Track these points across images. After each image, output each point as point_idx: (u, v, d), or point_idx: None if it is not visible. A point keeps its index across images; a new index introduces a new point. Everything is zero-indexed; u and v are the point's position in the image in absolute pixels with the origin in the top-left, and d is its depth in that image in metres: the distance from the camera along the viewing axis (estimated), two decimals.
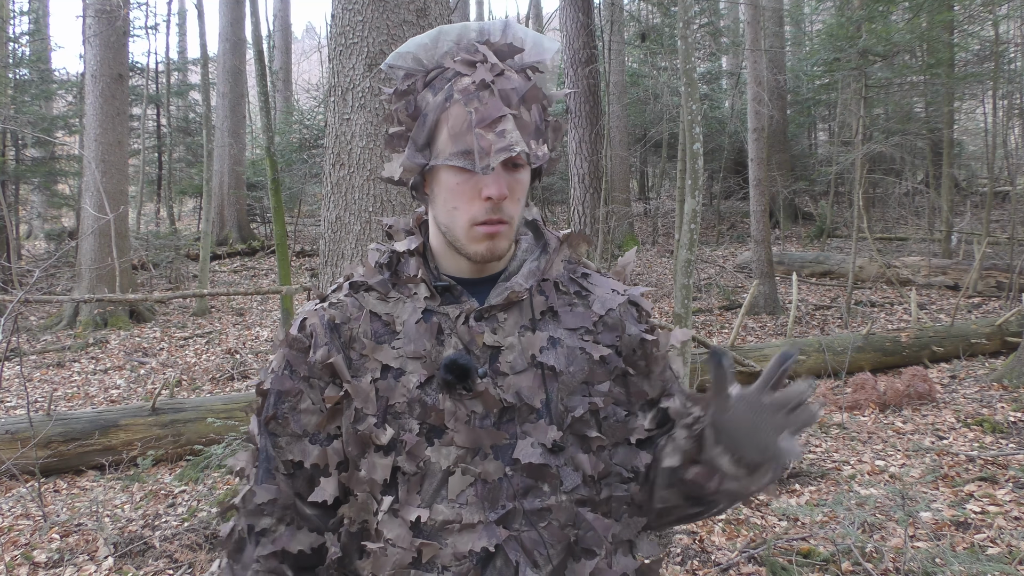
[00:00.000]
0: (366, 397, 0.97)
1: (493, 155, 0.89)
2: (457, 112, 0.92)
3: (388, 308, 1.01)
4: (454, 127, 0.92)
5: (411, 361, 0.97)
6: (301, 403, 1.00)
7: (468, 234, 0.95)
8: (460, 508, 0.94)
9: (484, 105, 0.91)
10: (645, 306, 1.09)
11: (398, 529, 0.95)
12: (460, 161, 0.91)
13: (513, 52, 0.96)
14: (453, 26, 0.98)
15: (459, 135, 0.91)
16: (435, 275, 1.01)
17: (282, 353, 1.03)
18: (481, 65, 0.93)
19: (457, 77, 0.93)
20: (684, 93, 4.55)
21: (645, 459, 1.03)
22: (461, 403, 0.96)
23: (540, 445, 0.96)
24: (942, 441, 4.53)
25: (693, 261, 4.37)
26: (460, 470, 0.95)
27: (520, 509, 0.95)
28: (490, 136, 0.90)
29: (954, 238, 11.26)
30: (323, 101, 13.72)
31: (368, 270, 1.04)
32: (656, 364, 1.06)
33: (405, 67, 0.97)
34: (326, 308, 1.02)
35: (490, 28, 0.98)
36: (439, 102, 0.93)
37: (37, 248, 14.53)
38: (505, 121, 0.90)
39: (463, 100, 0.91)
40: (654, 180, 18.83)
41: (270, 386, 1.02)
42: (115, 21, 9.20)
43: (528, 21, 14.67)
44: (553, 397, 0.98)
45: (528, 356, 0.98)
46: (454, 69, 0.94)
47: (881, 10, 9.67)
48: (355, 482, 0.98)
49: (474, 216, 0.94)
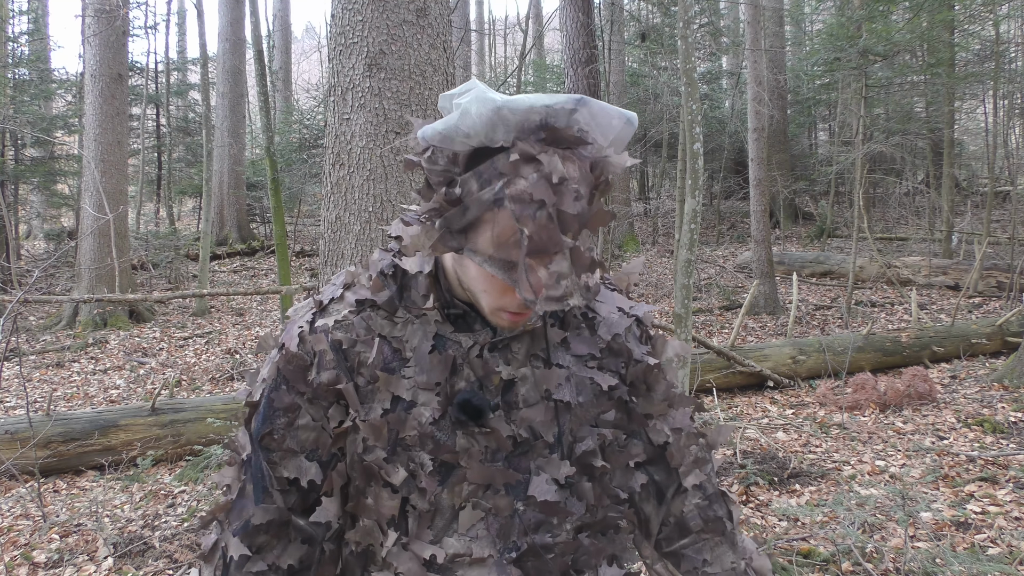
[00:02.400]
0: (379, 432, 0.92)
1: (542, 300, 0.80)
2: (506, 223, 0.80)
3: (397, 331, 0.95)
4: (500, 237, 0.80)
5: (423, 392, 0.92)
6: (299, 419, 0.94)
7: (492, 315, 0.90)
8: (471, 542, 0.93)
9: (540, 231, 0.78)
10: (646, 320, 1.07)
11: (408, 563, 0.93)
12: (502, 273, 0.81)
13: (578, 143, 0.82)
14: (517, 104, 0.79)
15: (504, 247, 0.81)
16: (447, 299, 0.95)
17: (276, 367, 0.96)
18: (539, 173, 0.79)
19: (512, 178, 0.79)
20: (684, 93, 4.54)
21: (640, 479, 1.02)
22: (474, 439, 0.92)
23: (554, 481, 0.95)
24: (942, 441, 4.53)
25: (693, 261, 4.36)
26: (471, 504, 0.93)
27: (533, 545, 0.94)
28: (541, 273, 0.80)
29: (955, 238, 11.25)
30: (323, 101, 13.72)
31: (374, 284, 0.96)
32: (658, 384, 1.04)
33: (451, 148, 0.83)
34: (330, 327, 0.95)
35: (558, 108, 0.80)
36: (486, 201, 0.80)
37: (37, 248, 14.53)
38: (560, 260, 0.80)
39: (516, 212, 0.78)
40: (654, 180, 18.82)
41: (259, 398, 0.97)
42: (115, 21, 9.19)
43: (528, 21, 14.67)
44: (564, 429, 0.96)
45: (541, 389, 0.95)
46: (508, 167, 0.80)
47: (881, 10, 9.67)
48: (361, 509, 0.95)
49: (503, 306, 0.88)
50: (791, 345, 6.18)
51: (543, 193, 0.78)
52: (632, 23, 15.86)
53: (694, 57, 4.64)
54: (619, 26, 13.32)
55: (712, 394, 5.54)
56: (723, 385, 5.74)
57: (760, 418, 5.16)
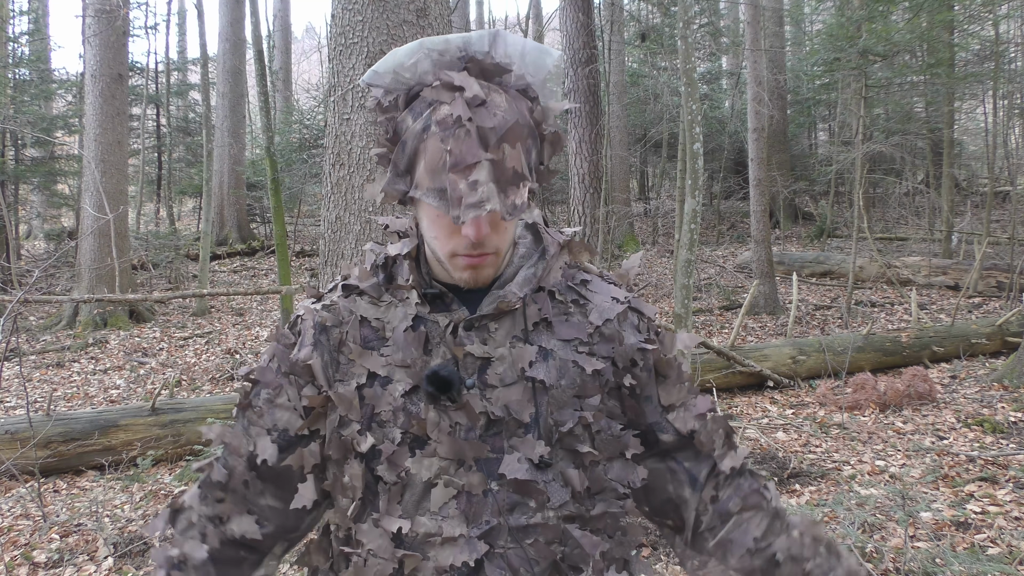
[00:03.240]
0: (349, 404, 0.96)
1: (463, 209, 0.84)
2: (434, 147, 0.86)
3: (379, 313, 0.99)
4: (430, 163, 0.86)
5: (398, 369, 0.96)
6: (278, 397, 1.00)
7: (450, 263, 0.93)
8: (442, 521, 0.93)
9: (459, 145, 0.84)
10: (648, 312, 1.06)
11: (379, 540, 0.94)
12: (435, 201, 0.86)
13: (501, 72, 0.89)
14: (436, 39, 0.90)
15: (435, 172, 0.86)
16: (427, 281, 0.99)
17: (272, 346, 1.03)
18: (459, 96, 0.86)
19: (436, 105, 0.87)
20: (684, 93, 4.55)
21: (641, 474, 1.01)
22: (445, 414, 0.94)
23: (527, 460, 0.94)
24: (942, 441, 4.53)
25: (693, 261, 4.37)
26: (443, 482, 0.93)
27: (505, 525, 0.94)
28: (462, 186, 0.84)
29: (954, 238, 11.25)
30: (323, 101, 13.71)
31: (363, 273, 1.02)
32: (670, 369, 1.03)
33: (383, 85, 0.92)
34: (319, 309, 1.02)
35: (475, 42, 0.90)
36: (417, 131, 0.88)
37: (37, 248, 14.53)
38: (479, 170, 0.84)
39: (440, 134, 0.85)
40: (654, 180, 18.83)
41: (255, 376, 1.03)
42: (115, 21, 9.19)
43: (528, 21, 14.66)
44: (542, 411, 0.95)
45: (518, 369, 0.95)
46: (433, 95, 0.88)
47: (881, 10, 9.67)
48: (338, 488, 0.97)
49: (454, 249, 0.91)
50: (791, 345, 6.18)
51: (461, 110, 0.85)
52: (632, 23, 15.86)
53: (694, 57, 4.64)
54: (619, 26, 13.32)
55: (712, 394, 5.55)
56: (723, 385, 5.74)
57: (760, 418, 5.16)
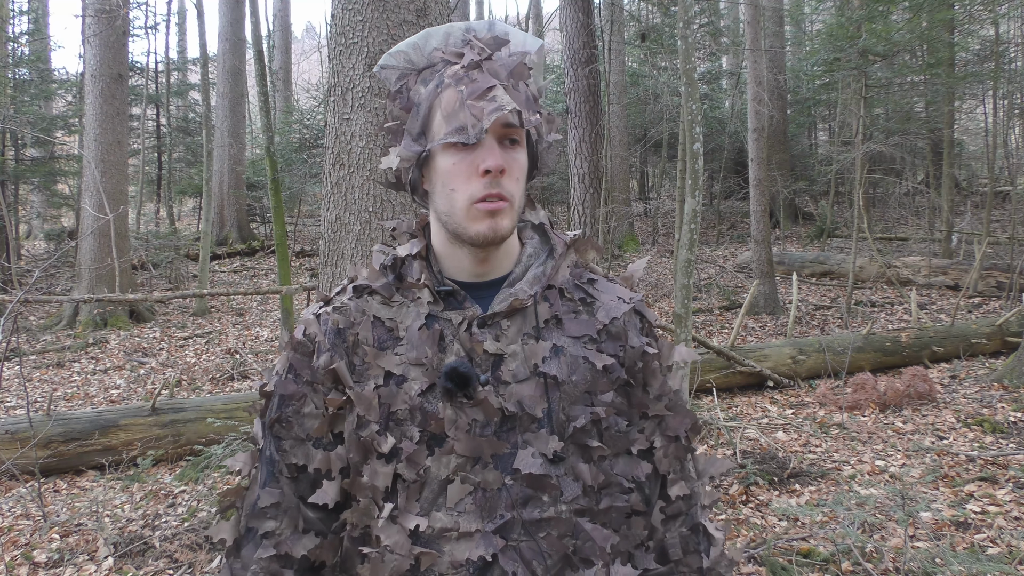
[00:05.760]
0: (368, 404, 0.97)
1: (485, 117, 0.89)
2: (449, 95, 0.93)
3: (392, 313, 1.00)
4: (447, 108, 0.93)
5: (413, 368, 0.97)
6: (305, 407, 1.00)
7: (468, 214, 0.93)
8: (458, 516, 0.94)
9: (474, 81, 0.92)
10: (649, 316, 1.08)
11: (396, 536, 0.95)
12: (455, 137, 0.91)
13: (499, 45, 0.97)
14: (440, 27, 1.00)
15: (452, 114, 0.92)
16: (438, 279, 1.00)
17: (286, 356, 1.03)
18: (469, 50, 0.95)
19: (447, 65, 0.96)
20: (684, 93, 4.55)
21: (645, 469, 1.02)
22: (462, 411, 0.95)
23: (541, 455, 0.95)
24: (942, 441, 4.53)
25: (693, 261, 4.37)
26: (459, 478, 0.94)
27: (519, 519, 0.95)
28: (481, 103, 0.90)
29: (954, 238, 11.25)
30: (323, 101, 13.72)
31: (372, 273, 1.03)
32: (655, 379, 1.05)
33: (397, 66, 0.99)
34: (330, 312, 1.02)
35: (476, 26, 1.00)
36: (431, 91, 0.95)
37: (37, 248, 14.53)
38: (495, 89, 0.91)
39: (454, 83, 0.93)
40: (654, 180, 18.83)
41: (274, 388, 1.02)
42: (115, 21, 9.20)
43: (528, 21, 14.67)
44: (555, 407, 0.97)
45: (531, 365, 0.97)
46: (444, 60, 0.97)
47: (881, 10, 9.67)
48: (357, 488, 0.97)
49: (473, 194, 0.92)
50: (791, 345, 6.18)
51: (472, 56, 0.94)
52: (632, 23, 15.86)
53: (694, 57, 4.64)
54: (619, 26, 13.32)
55: (712, 394, 5.55)
56: (723, 385, 5.74)
57: (760, 418, 5.16)
